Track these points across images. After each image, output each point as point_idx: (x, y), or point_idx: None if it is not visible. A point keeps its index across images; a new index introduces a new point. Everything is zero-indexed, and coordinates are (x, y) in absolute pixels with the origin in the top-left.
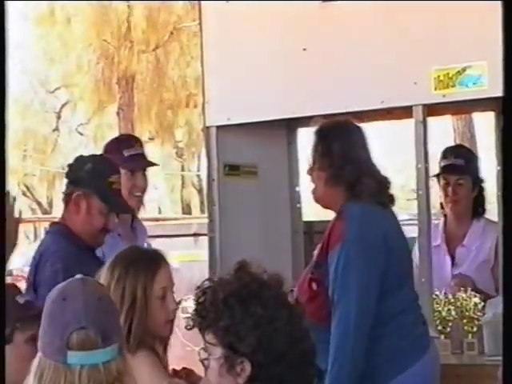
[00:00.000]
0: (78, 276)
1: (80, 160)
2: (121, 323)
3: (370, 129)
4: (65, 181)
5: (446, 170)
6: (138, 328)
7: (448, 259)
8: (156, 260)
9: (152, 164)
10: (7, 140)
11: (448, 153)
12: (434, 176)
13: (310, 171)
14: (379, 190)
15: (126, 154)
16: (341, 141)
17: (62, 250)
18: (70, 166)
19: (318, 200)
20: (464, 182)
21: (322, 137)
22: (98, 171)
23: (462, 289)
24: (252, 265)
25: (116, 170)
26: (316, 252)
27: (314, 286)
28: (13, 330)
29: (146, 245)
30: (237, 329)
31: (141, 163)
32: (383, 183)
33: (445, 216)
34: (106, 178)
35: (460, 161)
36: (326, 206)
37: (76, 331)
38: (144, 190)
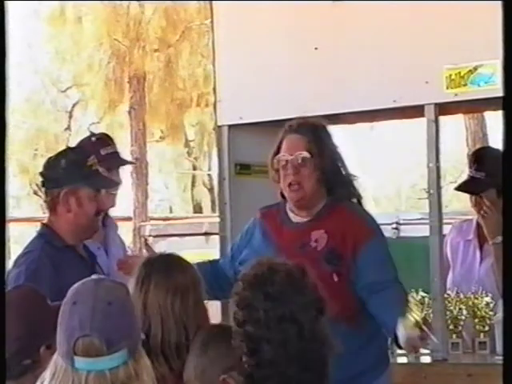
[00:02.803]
0: (94, 276)
1: (51, 163)
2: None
3: (382, 128)
4: (43, 189)
5: (464, 186)
6: None
7: (478, 254)
8: None
9: (128, 162)
10: (7, 140)
11: (472, 161)
12: (456, 190)
13: (297, 169)
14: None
15: (102, 152)
16: (331, 142)
17: (38, 251)
18: (43, 173)
19: (304, 198)
20: (485, 195)
21: (317, 136)
22: (74, 162)
23: None
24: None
25: (88, 153)
26: (321, 245)
27: (335, 277)
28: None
29: (117, 239)
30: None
31: (118, 161)
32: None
33: None
34: (84, 164)
35: (480, 173)
36: (306, 206)
37: (81, 338)
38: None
